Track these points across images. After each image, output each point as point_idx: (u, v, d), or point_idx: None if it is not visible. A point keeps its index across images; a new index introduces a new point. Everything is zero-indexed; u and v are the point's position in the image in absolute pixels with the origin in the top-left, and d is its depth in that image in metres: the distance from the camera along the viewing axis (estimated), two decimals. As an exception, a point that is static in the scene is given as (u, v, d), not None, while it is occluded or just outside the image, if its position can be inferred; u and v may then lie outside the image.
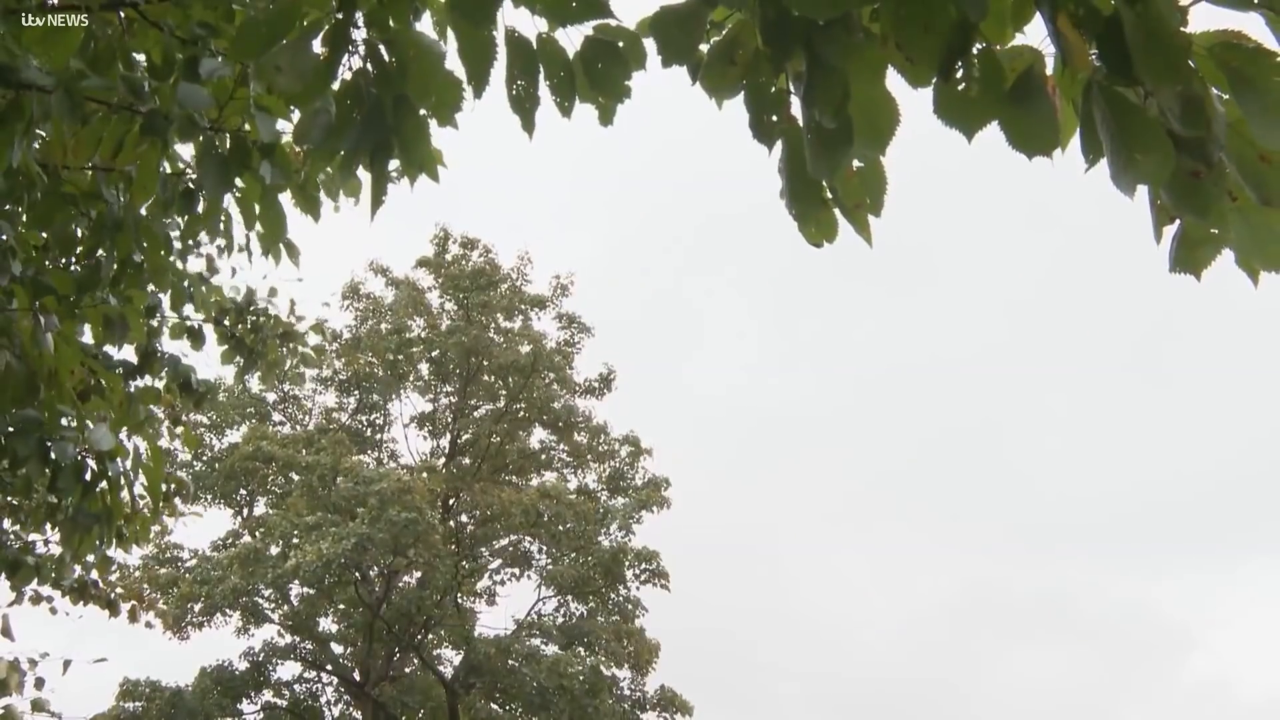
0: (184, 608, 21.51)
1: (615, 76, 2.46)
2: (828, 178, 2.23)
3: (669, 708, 23.36)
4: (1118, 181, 1.85)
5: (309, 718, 26.35)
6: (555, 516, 22.04)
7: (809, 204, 2.31)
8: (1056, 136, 1.97)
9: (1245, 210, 1.96)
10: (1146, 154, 1.82)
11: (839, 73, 2.02)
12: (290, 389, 27.32)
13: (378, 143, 2.61)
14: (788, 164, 2.28)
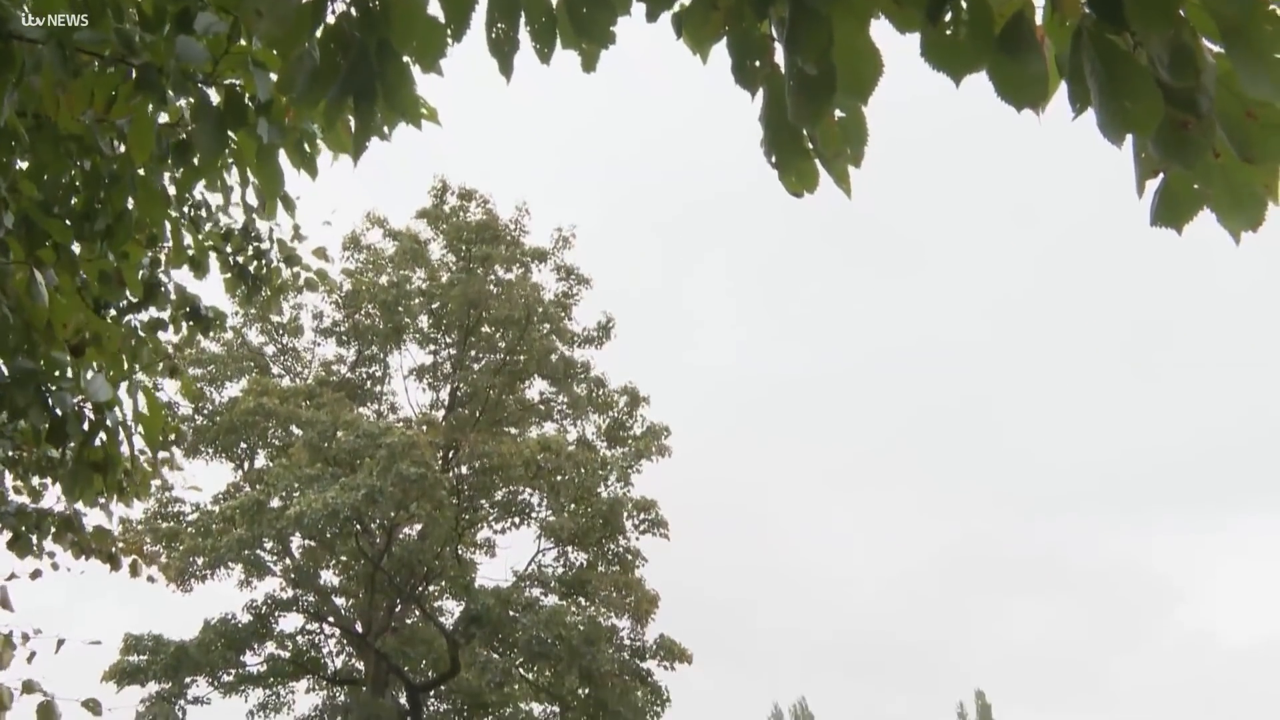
0: (186, 561, 21.61)
1: (600, 21, 2.42)
2: (809, 125, 2.21)
3: (669, 657, 23.52)
4: (1105, 130, 1.84)
5: (312, 669, 26.57)
6: (554, 467, 22.08)
7: (789, 152, 2.29)
8: (1045, 86, 1.96)
9: (1227, 168, 1.95)
10: (1136, 102, 1.81)
11: (823, 19, 2.00)
12: (289, 341, 27.35)
13: (362, 89, 2.59)
14: (768, 112, 2.26)
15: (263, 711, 26.69)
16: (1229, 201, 1.97)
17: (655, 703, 23.63)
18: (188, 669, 23.55)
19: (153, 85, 3.58)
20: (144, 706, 23.54)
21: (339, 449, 20.91)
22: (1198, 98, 1.81)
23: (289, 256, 7.11)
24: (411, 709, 25.21)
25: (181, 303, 6.64)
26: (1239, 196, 1.96)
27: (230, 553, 21.38)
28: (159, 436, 5.36)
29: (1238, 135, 1.86)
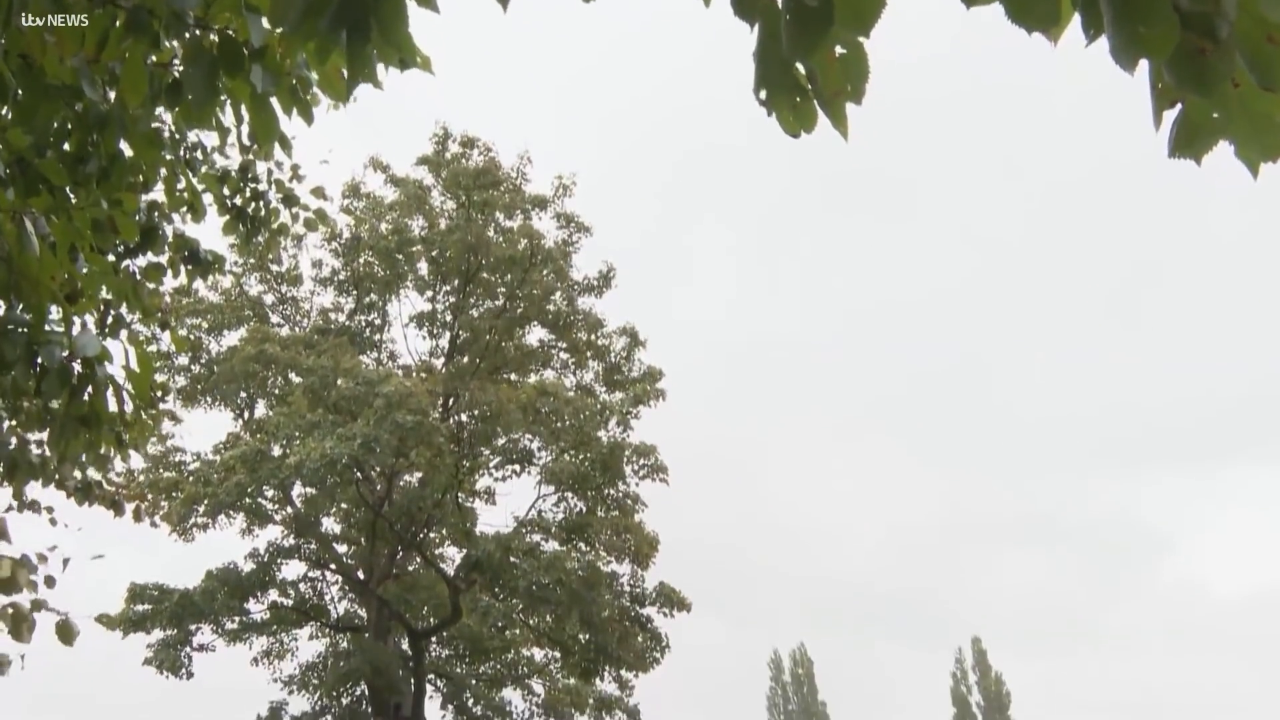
0: (188, 509, 21.65)
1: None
2: (804, 58, 2.13)
3: (668, 604, 23.64)
4: (1117, 56, 1.77)
5: (314, 615, 26.76)
6: (554, 413, 22.06)
7: (780, 89, 2.22)
8: (1057, 10, 1.89)
9: (1246, 97, 1.88)
10: (1150, 27, 1.73)
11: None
12: (288, 290, 27.27)
13: (355, 22, 2.51)
14: (761, 49, 2.18)
15: (266, 658, 26.95)
16: (1248, 131, 1.90)
17: (655, 649, 23.80)
18: (192, 617, 23.71)
19: (144, 28, 3.51)
20: (150, 652, 23.75)
21: (339, 396, 20.86)
22: (1216, 22, 1.74)
23: (287, 197, 7.08)
24: (413, 655, 25.39)
25: (180, 246, 6.59)
26: (1258, 126, 1.89)
27: (231, 499, 21.38)
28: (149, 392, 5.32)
29: (1258, 62, 1.79)
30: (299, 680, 26.09)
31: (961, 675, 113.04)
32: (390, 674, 24.21)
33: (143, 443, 6.89)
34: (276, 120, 4.18)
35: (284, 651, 27.22)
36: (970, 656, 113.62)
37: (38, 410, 5.29)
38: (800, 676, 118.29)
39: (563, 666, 26.44)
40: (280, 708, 25.77)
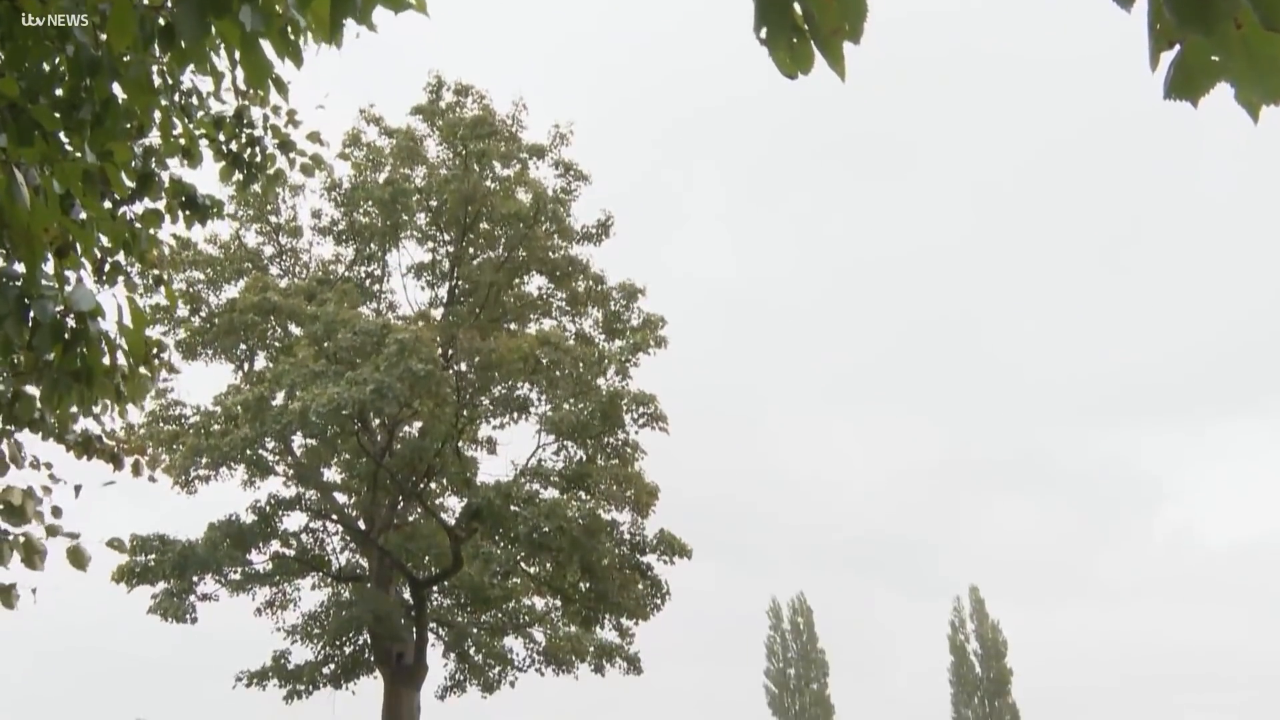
0: (189, 461, 21.67)
1: None
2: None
3: (668, 551, 23.72)
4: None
5: (316, 566, 26.89)
6: (553, 362, 22.00)
7: (779, 28, 2.18)
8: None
9: (1249, 38, 1.84)
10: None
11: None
12: (287, 241, 27.17)
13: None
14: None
15: (269, 608, 27.12)
16: (1250, 73, 1.85)
17: (655, 596, 23.91)
18: (195, 568, 23.81)
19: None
20: (154, 602, 23.90)
21: (339, 346, 20.78)
22: (1219, -40, 1.70)
23: (283, 142, 7.04)
24: (415, 604, 25.55)
25: (177, 192, 6.55)
26: (1260, 68, 1.84)
27: (233, 451, 21.40)
28: (143, 347, 5.29)
29: (1262, 1, 1.74)
30: (302, 630, 26.27)
31: (959, 624, 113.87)
32: (392, 623, 24.37)
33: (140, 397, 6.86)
34: (268, 62, 4.14)
35: (286, 601, 27.39)
36: (968, 605, 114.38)
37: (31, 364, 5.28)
38: (799, 625, 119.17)
39: (563, 614, 26.59)
40: (283, 656, 25.97)
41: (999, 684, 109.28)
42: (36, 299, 4.30)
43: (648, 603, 23.83)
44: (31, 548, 5.43)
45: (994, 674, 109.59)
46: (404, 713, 24.71)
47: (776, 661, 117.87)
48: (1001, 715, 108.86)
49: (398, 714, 24.66)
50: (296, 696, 25.80)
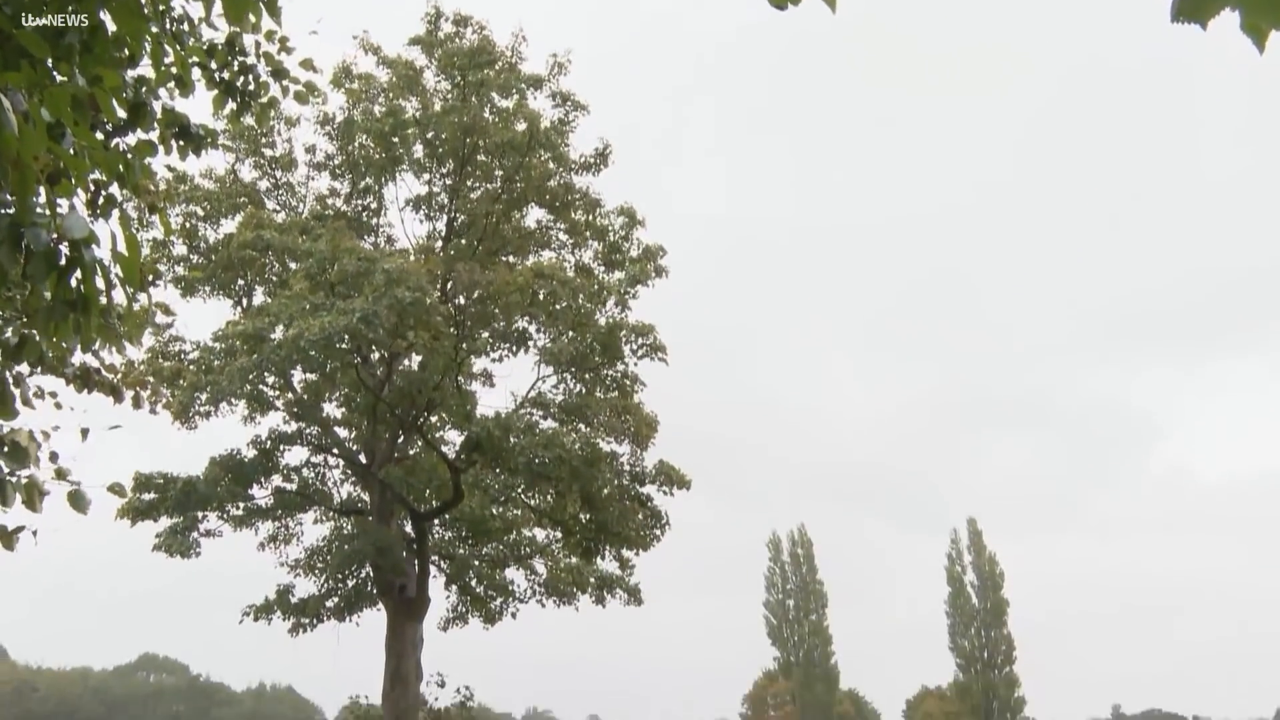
0: (190, 396, 21.67)
1: None
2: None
3: (668, 482, 23.80)
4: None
5: (318, 500, 27.02)
6: (552, 294, 21.91)
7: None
8: None
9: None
10: None
11: None
12: (283, 175, 26.97)
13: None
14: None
15: (272, 543, 27.32)
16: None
17: (655, 526, 24.03)
18: (197, 504, 23.93)
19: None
20: (158, 540, 24.04)
21: (340, 274, 20.66)
22: None
23: (276, 70, 6.95)
24: (416, 536, 25.72)
25: (170, 122, 6.47)
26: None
27: (233, 384, 21.38)
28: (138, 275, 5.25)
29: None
30: (305, 563, 26.48)
31: (956, 555, 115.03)
32: (394, 555, 24.54)
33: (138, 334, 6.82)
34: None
35: (289, 536, 27.59)
36: (965, 537, 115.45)
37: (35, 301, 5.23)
38: (799, 557, 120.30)
39: (564, 546, 26.76)
40: (288, 590, 26.17)
41: (996, 614, 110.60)
42: (29, 227, 4.25)
43: (647, 533, 23.96)
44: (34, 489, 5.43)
45: (991, 605, 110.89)
46: (407, 644, 24.96)
47: (776, 593, 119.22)
48: (998, 645, 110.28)
49: (401, 645, 24.91)
50: (301, 629, 26.05)
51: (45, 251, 4.29)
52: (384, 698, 24.84)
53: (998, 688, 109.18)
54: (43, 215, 4.38)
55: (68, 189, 4.64)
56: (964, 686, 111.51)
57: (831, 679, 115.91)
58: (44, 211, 4.42)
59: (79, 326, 4.78)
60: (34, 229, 4.28)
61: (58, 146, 4.40)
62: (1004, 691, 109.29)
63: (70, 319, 4.62)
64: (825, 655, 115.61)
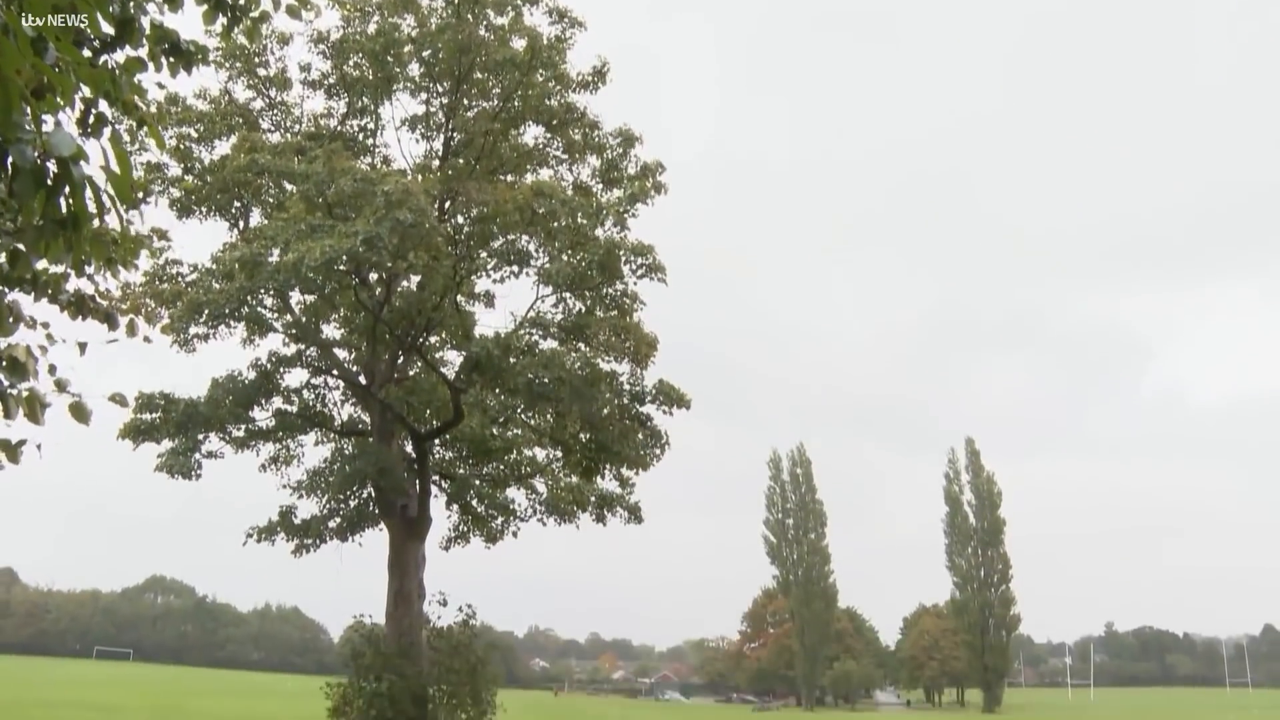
0: (189, 318, 21.64)
1: None
2: None
3: (667, 401, 23.84)
4: None
5: (319, 422, 27.14)
6: (550, 213, 21.77)
7: None
8: None
9: None
10: None
11: None
12: (277, 95, 26.69)
13: None
14: None
15: (274, 464, 27.48)
16: None
17: (655, 445, 24.12)
18: (199, 425, 24.03)
19: None
20: (160, 460, 24.18)
21: (339, 195, 20.48)
22: None
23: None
24: (417, 457, 25.86)
25: (159, 38, 6.36)
26: None
27: (231, 304, 21.33)
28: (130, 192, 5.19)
29: None
30: (307, 484, 26.64)
31: (954, 475, 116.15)
32: (395, 476, 24.70)
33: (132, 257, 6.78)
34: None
35: (290, 457, 27.75)
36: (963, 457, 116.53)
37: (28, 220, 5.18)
38: (799, 476, 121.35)
39: (564, 465, 26.90)
40: (290, 511, 26.39)
41: (993, 533, 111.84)
42: (14, 143, 4.19)
43: (647, 452, 24.03)
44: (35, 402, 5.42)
45: (988, 524, 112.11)
46: (409, 563, 25.21)
47: (775, 512, 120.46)
48: (994, 564, 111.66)
49: (403, 565, 25.16)
50: (304, 550, 26.31)
51: (31, 168, 4.23)
52: (388, 616, 25.14)
53: (994, 605, 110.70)
54: (27, 132, 4.32)
55: (53, 104, 4.57)
56: (961, 604, 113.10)
57: (830, 597, 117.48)
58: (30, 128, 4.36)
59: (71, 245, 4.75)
60: (18, 145, 4.21)
61: (41, 62, 4.33)
62: (1000, 609, 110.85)
63: (61, 238, 4.58)
64: (824, 573, 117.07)
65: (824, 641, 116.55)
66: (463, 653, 24.55)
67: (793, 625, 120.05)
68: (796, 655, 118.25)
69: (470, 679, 24.34)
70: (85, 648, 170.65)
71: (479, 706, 24.35)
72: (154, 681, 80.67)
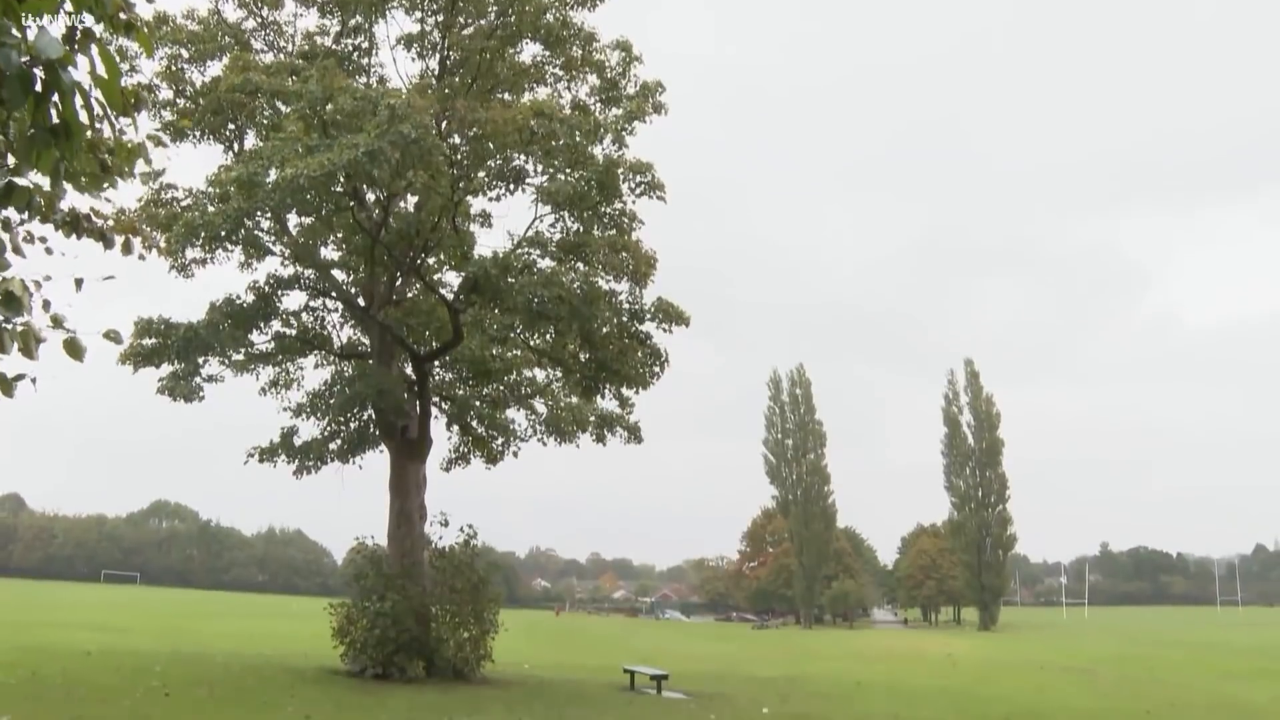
0: (185, 239, 21.46)
1: None
2: None
3: (666, 319, 23.80)
4: None
5: (318, 344, 27.11)
6: (548, 132, 21.53)
7: None
8: None
9: None
10: None
11: None
12: (269, 14, 26.29)
13: None
14: None
15: (274, 388, 27.53)
16: None
17: (654, 364, 24.14)
18: (198, 349, 23.99)
19: None
20: (161, 384, 24.20)
21: (337, 111, 20.18)
22: None
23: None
24: (417, 378, 25.87)
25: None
26: None
27: (228, 226, 21.15)
28: (119, 97, 5.10)
29: None
30: (307, 407, 26.70)
31: (953, 396, 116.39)
32: (395, 397, 24.74)
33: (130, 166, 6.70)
34: None
35: (290, 381, 27.79)
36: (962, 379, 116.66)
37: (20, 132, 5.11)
38: (798, 396, 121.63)
39: (564, 385, 26.96)
40: (291, 433, 26.48)
41: (991, 454, 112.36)
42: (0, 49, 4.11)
43: (647, 371, 24.03)
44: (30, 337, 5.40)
45: (986, 444, 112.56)
46: (410, 485, 25.36)
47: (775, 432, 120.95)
48: (992, 485, 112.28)
49: (405, 486, 25.31)
50: (305, 471, 26.44)
51: (18, 74, 4.15)
52: (390, 537, 25.34)
53: (991, 525, 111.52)
54: (12, 35, 4.24)
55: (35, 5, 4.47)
56: (958, 524, 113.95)
57: (829, 517, 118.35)
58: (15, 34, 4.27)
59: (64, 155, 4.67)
60: (4, 50, 4.13)
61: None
62: (997, 529, 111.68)
63: (54, 147, 4.50)
64: (823, 494, 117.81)
65: (822, 561, 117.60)
66: (464, 572, 24.77)
67: (792, 545, 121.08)
68: (795, 574, 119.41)
69: (472, 598, 24.59)
70: (92, 572, 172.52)
71: (481, 625, 24.62)
72: (161, 604, 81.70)
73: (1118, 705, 25.02)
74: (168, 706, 16.76)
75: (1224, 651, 54.55)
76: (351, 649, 23.75)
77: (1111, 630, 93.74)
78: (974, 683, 32.20)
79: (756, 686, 27.95)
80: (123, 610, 63.82)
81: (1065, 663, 44.96)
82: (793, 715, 20.92)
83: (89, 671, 21.49)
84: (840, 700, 24.61)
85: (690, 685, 26.68)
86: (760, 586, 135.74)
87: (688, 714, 20.45)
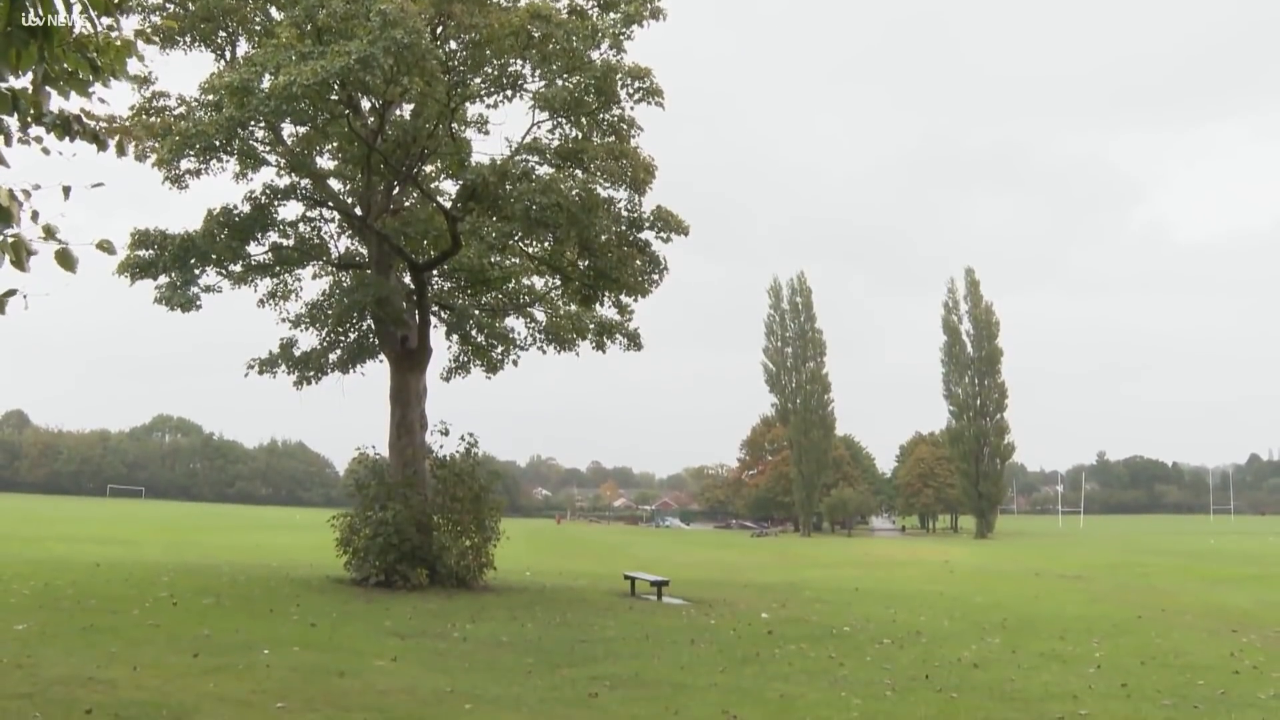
0: (179, 148, 21.20)
1: None
2: None
3: (665, 228, 23.66)
4: None
5: (316, 254, 26.96)
6: (545, 36, 21.20)
7: None
8: None
9: None
10: None
11: None
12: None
13: None
14: None
15: (272, 299, 27.42)
16: None
17: (653, 271, 24.05)
18: (195, 259, 23.88)
19: None
20: (158, 293, 24.09)
21: (329, 18, 19.83)
22: None
23: None
24: (416, 287, 25.79)
25: None
26: None
27: (222, 135, 20.90)
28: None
29: None
30: (306, 318, 26.65)
31: (953, 305, 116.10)
32: (394, 306, 24.68)
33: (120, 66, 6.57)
34: None
35: (288, 292, 27.67)
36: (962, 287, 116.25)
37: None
38: (798, 305, 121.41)
39: (563, 293, 26.86)
40: (291, 343, 26.46)
41: (990, 362, 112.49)
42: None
43: (645, 278, 23.96)
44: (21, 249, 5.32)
45: (985, 353, 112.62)
46: (411, 394, 25.41)
47: (775, 340, 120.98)
48: (990, 393, 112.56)
49: (405, 396, 25.36)
50: (306, 382, 26.50)
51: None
52: (391, 447, 25.46)
53: (989, 434, 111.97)
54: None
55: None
56: (956, 432, 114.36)
57: (828, 425, 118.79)
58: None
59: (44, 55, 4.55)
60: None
61: None
62: (995, 438, 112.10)
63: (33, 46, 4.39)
64: (823, 401, 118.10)
65: (821, 469, 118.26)
66: (466, 481, 24.91)
67: (791, 453, 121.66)
68: (794, 482, 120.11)
69: (473, 507, 24.76)
70: (98, 486, 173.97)
71: (482, 533, 24.83)
72: (167, 517, 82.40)
73: (1110, 611, 25.34)
74: (175, 615, 16.97)
75: (1213, 559, 55.16)
76: (355, 558, 23.98)
77: (1106, 538, 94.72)
78: (971, 589, 32.60)
79: (756, 592, 28.28)
80: (129, 524, 64.38)
81: (1060, 570, 45.51)
82: (792, 619, 21.18)
83: (99, 583, 21.74)
84: (839, 605, 24.91)
85: (690, 592, 27.00)
86: (759, 494, 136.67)
87: (688, 619, 20.70)
